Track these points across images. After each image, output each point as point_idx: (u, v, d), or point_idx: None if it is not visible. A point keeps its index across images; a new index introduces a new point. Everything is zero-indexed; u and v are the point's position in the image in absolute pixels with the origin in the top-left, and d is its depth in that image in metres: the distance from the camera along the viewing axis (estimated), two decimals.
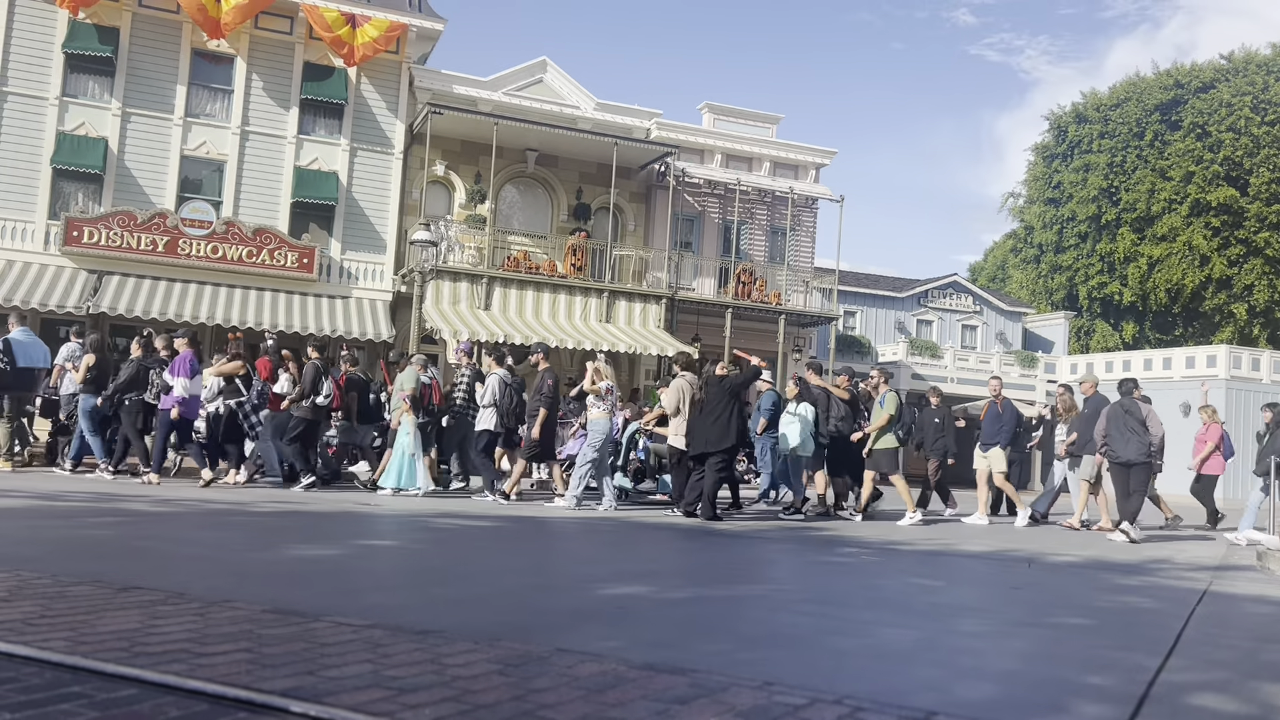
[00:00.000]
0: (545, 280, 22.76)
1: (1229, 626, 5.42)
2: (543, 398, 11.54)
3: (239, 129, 22.14)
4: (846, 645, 4.12)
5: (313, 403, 11.89)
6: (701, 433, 10.75)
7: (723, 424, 10.60)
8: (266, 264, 21.36)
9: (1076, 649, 4.39)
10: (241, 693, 2.69)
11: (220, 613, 3.87)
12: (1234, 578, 7.94)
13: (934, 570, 7.49)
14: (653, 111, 25.65)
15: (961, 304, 36.91)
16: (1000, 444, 12.71)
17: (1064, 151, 44.78)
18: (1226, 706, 3.35)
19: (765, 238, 27.51)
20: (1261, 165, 38.40)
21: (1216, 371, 28.97)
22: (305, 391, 11.87)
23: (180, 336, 12.01)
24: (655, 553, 7.87)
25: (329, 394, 12.05)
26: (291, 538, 7.33)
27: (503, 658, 3.35)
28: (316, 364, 12.08)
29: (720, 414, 10.62)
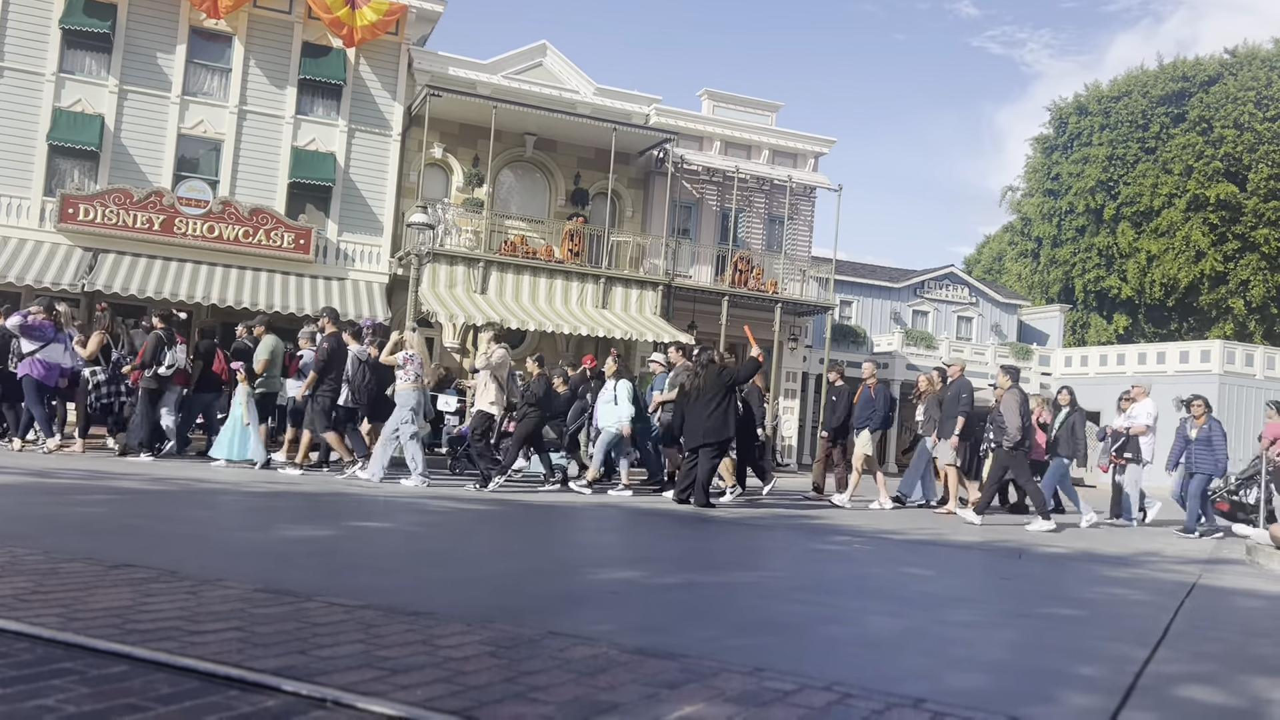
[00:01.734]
0: (542, 265, 22.72)
1: (1217, 619, 5.45)
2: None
3: (236, 108, 22.04)
4: (837, 633, 4.13)
5: (154, 373, 11.96)
6: (697, 424, 10.66)
7: (719, 416, 10.57)
8: (263, 244, 21.30)
9: (1066, 640, 4.41)
10: (233, 671, 2.70)
11: (212, 591, 3.88)
12: (1223, 571, 7.98)
13: (925, 560, 7.52)
14: (652, 97, 25.57)
15: (957, 295, 36.93)
16: (870, 427, 12.78)
17: (1064, 144, 44.74)
18: (1214, 699, 3.37)
19: (763, 226, 27.47)
20: (1261, 161, 38.40)
21: (1210, 367, 29.04)
22: (146, 361, 11.97)
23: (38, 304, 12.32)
24: (648, 539, 7.89)
25: (173, 364, 12.09)
26: (284, 518, 7.33)
27: (495, 640, 3.36)
28: (159, 334, 12.14)
29: (715, 405, 10.58)
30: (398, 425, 11.13)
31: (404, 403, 11.11)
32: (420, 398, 11.24)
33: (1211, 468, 11.55)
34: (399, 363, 11.23)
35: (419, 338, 11.63)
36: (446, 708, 2.51)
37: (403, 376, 11.19)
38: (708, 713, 2.64)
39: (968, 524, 10.92)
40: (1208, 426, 11.60)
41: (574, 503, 10.28)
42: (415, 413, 11.16)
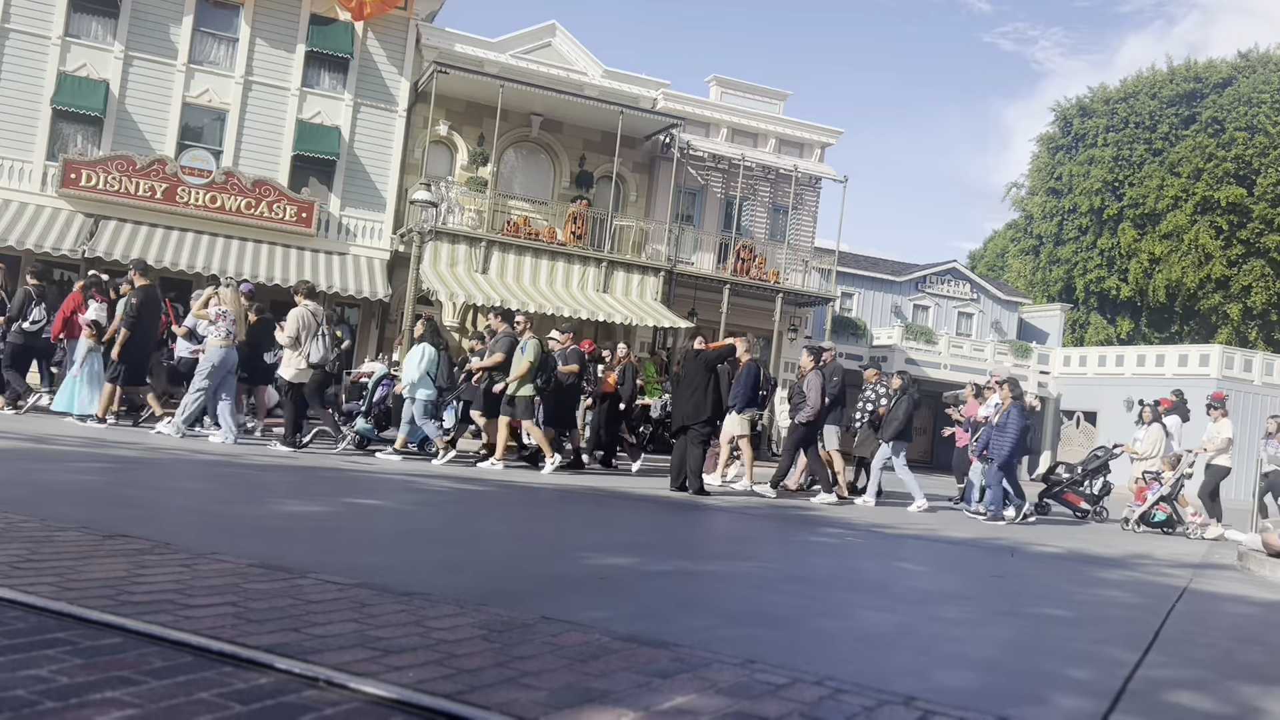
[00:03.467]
0: (544, 247, 22.67)
1: (1208, 625, 5.47)
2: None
3: (242, 78, 21.94)
4: (829, 626, 4.14)
5: (19, 327, 12.00)
6: (680, 406, 10.96)
7: (699, 397, 10.72)
8: (265, 216, 21.24)
9: (1056, 640, 4.42)
10: (226, 646, 2.70)
11: (207, 565, 3.88)
12: (1214, 576, 8.01)
13: (917, 555, 7.54)
14: (660, 82, 25.46)
15: (959, 291, 36.90)
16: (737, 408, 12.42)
17: (1069, 144, 44.63)
18: (1203, 705, 3.38)
19: (766, 215, 27.42)
20: (1271, 165, 38.30)
21: (1209, 371, 29.06)
22: (12, 315, 12.02)
23: None
24: (643, 525, 7.90)
25: (38, 320, 12.11)
26: (281, 492, 7.34)
27: (487, 623, 3.36)
28: (28, 289, 12.17)
29: (697, 388, 10.73)
30: (204, 381, 10.94)
31: (209, 358, 10.97)
32: (229, 355, 11.07)
33: (1002, 453, 11.54)
34: (209, 318, 11.09)
35: (234, 294, 11.43)
36: (439, 690, 2.52)
37: (213, 332, 11.06)
38: (699, 704, 2.64)
39: (760, 495, 11.42)
40: (1008, 412, 11.61)
41: (567, 485, 10.30)
42: (220, 369, 10.96)
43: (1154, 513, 12.38)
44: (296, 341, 11.16)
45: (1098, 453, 13.73)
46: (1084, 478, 13.51)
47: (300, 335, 11.17)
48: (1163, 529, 12.35)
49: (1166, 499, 12.38)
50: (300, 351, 11.18)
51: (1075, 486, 13.52)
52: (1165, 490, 12.39)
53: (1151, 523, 12.39)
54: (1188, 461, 12.70)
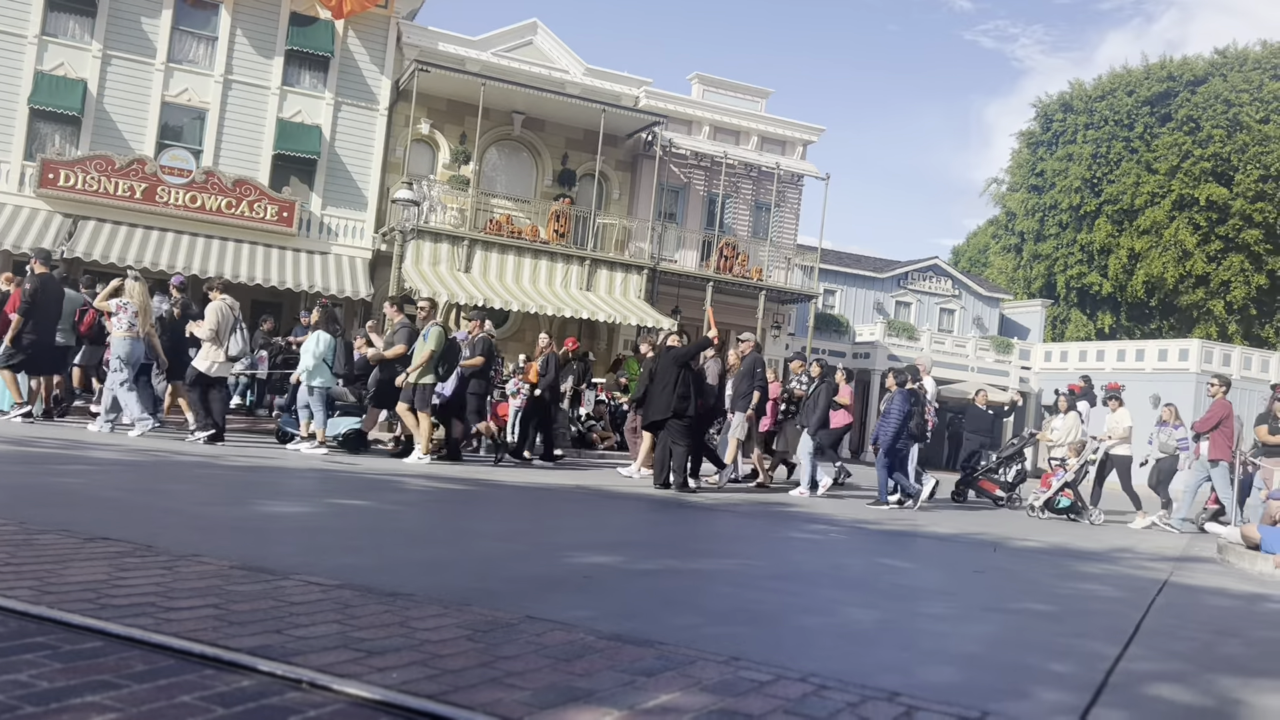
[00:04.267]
0: (527, 245, 22.64)
1: (1188, 618, 5.51)
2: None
3: (222, 77, 21.81)
4: (813, 623, 4.15)
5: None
6: (654, 402, 11.00)
7: (668, 393, 10.77)
8: (245, 216, 21.12)
9: (1038, 635, 4.45)
10: (208, 649, 2.69)
11: (188, 567, 3.86)
12: (1194, 569, 8.07)
13: (900, 550, 7.57)
14: (642, 80, 25.46)
15: (940, 287, 37.05)
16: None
17: (1049, 140, 44.88)
18: (1183, 698, 3.41)
19: (749, 212, 27.46)
20: (1250, 162, 38.62)
21: (1188, 365, 29.29)
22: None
23: None
24: (626, 523, 7.91)
25: None
26: (262, 493, 7.30)
27: (471, 623, 3.36)
28: None
29: (668, 383, 10.78)
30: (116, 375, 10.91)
31: (115, 351, 10.94)
32: (133, 347, 11.02)
33: (884, 439, 11.62)
34: (111, 309, 11.05)
35: (141, 287, 11.36)
36: (422, 691, 2.51)
37: (116, 324, 11.02)
38: (684, 702, 2.65)
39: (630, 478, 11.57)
40: (892, 399, 11.73)
41: (550, 484, 10.29)
42: (125, 362, 10.91)
43: (1059, 499, 12.42)
44: (216, 335, 11.12)
45: (1013, 441, 13.86)
46: (999, 465, 13.61)
47: (219, 329, 11.13)
48: (1068, 515, 12.39)
49: (1070, 485, 12.43)
50: (219, 345, 11.14)
51: (991, 474, 13.64)
52: (1069, 477, 12.44)
53: (1056, 509, 12.43)
54: (1091, 448, 12.76)
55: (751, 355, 12.32)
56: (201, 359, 11.16)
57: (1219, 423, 12.10)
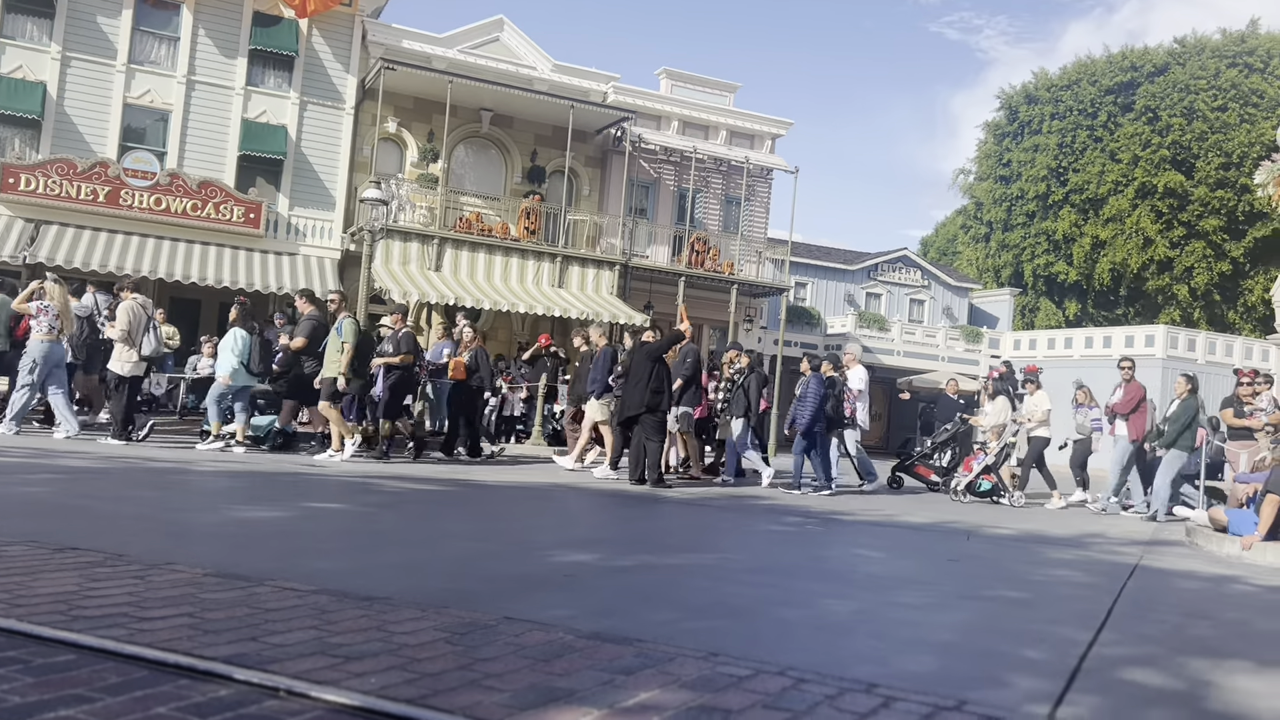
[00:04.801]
0: (497, 243, 22.55)
1: (1158, 601, 5.59)
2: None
3: (185, 78, 21.55)
4: (790, 616, 4.17)
5: None
6: (627, 398, 11.00)
7: (641, 388, 10.80)
8: (212, 218, 20.89)
9: (1012, 622, 4.50)
10: (183, 659, 2.66)
11: (161, 575, 3.82)
12: (1163, 553, 8.18)
13: (876, 541, 7.62)
14: (610, 75, 25.42)
15: (910, 278, 37.30)
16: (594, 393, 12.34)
17: (1015, 131, 45.25)
18: (1154, 680, 3.46)
19: (720, 207, 27.51)
20: (1210, 150, 39.13)
21: (1154, 351, 29.66)
22: None
23: None
24: (602, 520, 7.91)
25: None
26: (235, 499, 7.24)
27: (449, 625, 3.35)
28: None
29: (642, 379, 10.81)
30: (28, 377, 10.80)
31: (30, 353, 10.86)
32: (52, 349, 10.93)
33: (800, 422, 11.75)
34: (31, 311, 10.98)
35: (61, 290, 11.29)
36: (401, 696, 2.50)
37: (36, 327, 10.94)
38: (663, 699, 2.65)
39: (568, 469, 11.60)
40: (807, 383, 11.87)
41: (524, 483, 10.27)
42: (43, 364, 10.82)
43: (980, 482, 12.50)
44: (128, 335, 11.01)
45: (947, 426, 13.95)
46: (933, 451, 13.70)
47: (131, 330, 11.02)
48: (991, 498, 12.45)
49: (991, 468, 12.50)
50: (131, 345, 11.02)
51: (926, 460, 13.73)
52: (989, 460, 12.53)
53: (978, 492, 12.49)
54: (1010, 431, 12.88)
55: (686, 347, 12.39)
56: (115, 360, 11.06)
57: (1137, 404, 12.25)
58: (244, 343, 11.47)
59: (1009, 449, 12.80)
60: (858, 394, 13.14)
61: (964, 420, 13.76)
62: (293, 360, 11.72)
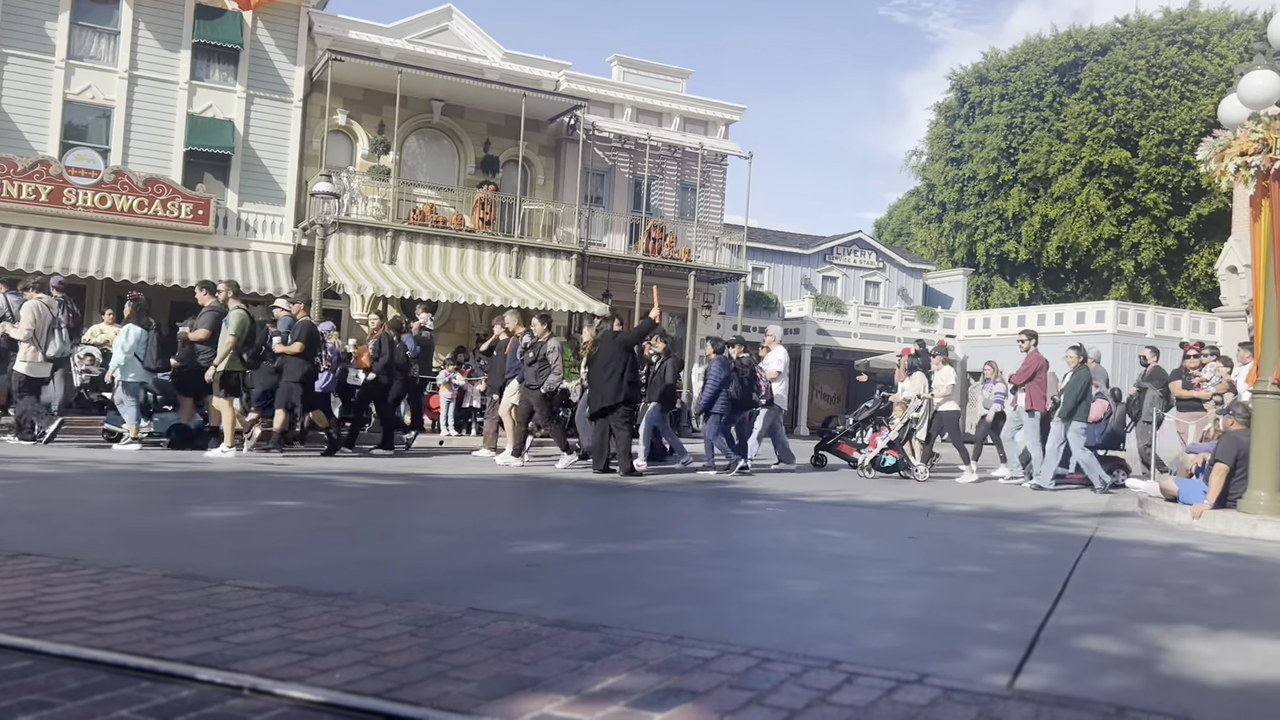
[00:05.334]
0: (453, 234, 22.39)
1: (1113, 571, 5.71)
2: None
3: (126, 73, 21.11)
4: (754, 598, 4.21)
5: None
6: (598, 389, 10.83)
7: (616, 379, 10.71)
8: (159, 215, 20.53)
9: (972, 596, 4.57)
10: (144, 661, 2.63)
11: (118, 579, 3.76)
12: (1117, 524, 8.36)
13: (837, 521, 7.70)
14: (561, 63, 25.30)
15: (865, 261, 37.56)
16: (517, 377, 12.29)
17: (965, 112, 45.71)
18: (1110, 648, 3.54)
19: (675, 193, 27.52)
20: (1151, 128, 39.81)
21: (1105, 327, 30.21)
22: None
23: None
24: (567, 509, 7.91)
25: None
26: (192, 499, 7.14)
27: (414, 618, 3.34)
28: None
29: (614, 369, 10.71)
30: None
31: None
32: None
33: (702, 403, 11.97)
34: None
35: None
36: (367, 690, 2.49)
37: None
38: (630, 683, 2.67)
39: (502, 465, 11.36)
40: (708, 366, 12.08)
41: (488, 475, 10.24)
42: None
43: (884, 458, 12.59)
44: (32, 335, 10.84)
45: (868, 404, 14.06)
46: (855, 429, 13.77)
47: (36, 330, 10.85)
48: (899, 473, 12.54)
49: (894, 444, 12.62)
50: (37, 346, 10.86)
51: (848, 438, 13.78)
52: (892, 436, 12.64)
53: (882, 467, 12.59)
54: (914, 407, 13.03)
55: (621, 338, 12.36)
56: (20, 361, 10.87)
57: (1034, 374, 12.48)
58: (135, 338, 11.23)
59: (912, 424, 12.88)
60: (776, 375, 13.20)
61: (884, 398, 13.79)
62: (190, 353, 11.33)
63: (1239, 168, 8.52)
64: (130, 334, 11.23)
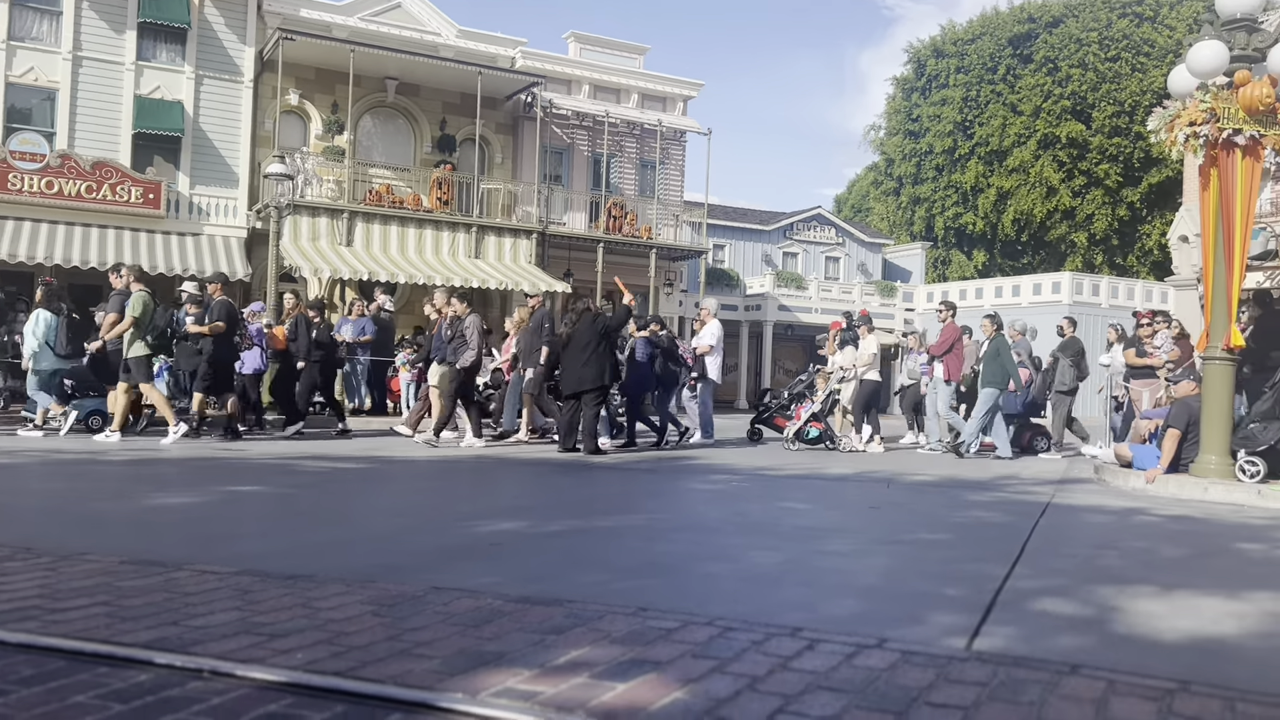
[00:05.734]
0: (410, 215, 22.17)
1: (1069, 536, 5.82)
2: None
3: (70, 54, 20.60)
4: (718, 569, 4.24)
5: None
6: (574, 372, 10.75)
7: (595, 364, 10.67)
8: (108, 200, 20.11)
9: (932, 563, 4.63)
10: (101, 647, 2.60)
11: (73, 566, 3.71)
12: (1073, 490, 8.51)
13: (799, 493, 7.76)
14: (517, 40, 25.07)
15: (825, 236, 37.74)
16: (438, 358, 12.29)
17: (922, 86, 45.93)
18: (1065, 610, 3.61)
19: (635, 171, 27.43)
20: (1104, 100, 40.26)
21: (1061, 297, 30.62)
22: None
23: None
24: (530, 488, 7.90)
25: None
26: (148, 486, 7.04)
27: (376, 598, 3.32)
28: None
29: (592, 353, 10.67)
30: None
31: None
32: None
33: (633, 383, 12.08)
34: None
35: None
36: (329, 669, 2.48)
37: None
38: (594, 655, 2.68)
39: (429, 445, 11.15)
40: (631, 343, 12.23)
41: (450, 457, 10.20)
42: None
43: (808, 429, 12.66)
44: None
45: (801, 377, 14.19)
46: (790, 402, 13.81)
47: None
48: (825, 444, 12.60)
49: (818, 415, 12.66)
50: None
51: (783, 411, 13.79)
52: (815, 408, 12.69)
53: (806, 439, 12.65)
54: (835, 379, 13.13)
55: (540, 311, 12.31)
56: None
57: (951, 346, 12.66)
58: (46, 325, 11.01)
59: (835, 395, 12.91)
60: (709, 349, 13.26)
61: (817, 371, 13.83)
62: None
63: (1188, 138, 8.64)
64: (40, 320, 10.95)
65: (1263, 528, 6.45)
